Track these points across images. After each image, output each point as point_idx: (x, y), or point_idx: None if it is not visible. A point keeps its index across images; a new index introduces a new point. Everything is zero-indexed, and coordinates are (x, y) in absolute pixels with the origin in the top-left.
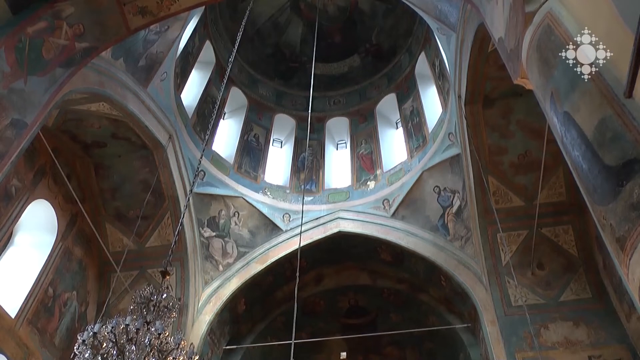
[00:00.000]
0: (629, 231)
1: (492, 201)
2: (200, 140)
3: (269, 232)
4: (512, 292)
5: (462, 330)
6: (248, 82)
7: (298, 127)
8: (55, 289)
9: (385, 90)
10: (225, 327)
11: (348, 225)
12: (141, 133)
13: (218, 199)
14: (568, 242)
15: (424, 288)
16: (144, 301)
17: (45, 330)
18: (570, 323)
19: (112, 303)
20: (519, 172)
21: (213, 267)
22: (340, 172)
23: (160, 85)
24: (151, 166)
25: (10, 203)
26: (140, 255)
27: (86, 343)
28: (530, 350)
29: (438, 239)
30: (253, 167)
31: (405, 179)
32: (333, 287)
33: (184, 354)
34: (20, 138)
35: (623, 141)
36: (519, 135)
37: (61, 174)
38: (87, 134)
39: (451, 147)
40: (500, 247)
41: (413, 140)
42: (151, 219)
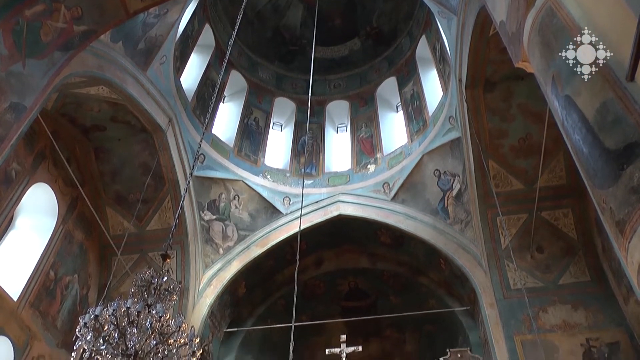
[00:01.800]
0: (629, 215)
1: (492, 185)
2: (200, 123)
3: (269, 216)
4: (512, 275)
5: (462, 313)
6: (248, 66)
7: (298, 111)
8: (57, 272)
9: (385, 73)
10: (225, 310)
11: (348, 208)
12: (141, 116)
13: (218, 182)
14: (568, 226)
15: (423, 271)
16: (144, 284)
17: (48, 313)
18: (569, 306)
19: (113, 286)
20: (519, 155)
21: (213, 251)
22: (340, 155)
23: (160, 68)
24: (151, 149)
25: (10, 186)
26: (140, 238)
27: (88, 326)
28: (529, 333)
29: (438, 223)
30: (253, 151)
31: (405, 163)
32: (333, 270)
33: (185, 336)
34: (20, 121)
35: (624, 124)
36: (519, 118)
37: (61, 158)
38: (86, 117)
39: (451, 131)
40: (500, 231)
41: (413, 124)
42: (151, 203)
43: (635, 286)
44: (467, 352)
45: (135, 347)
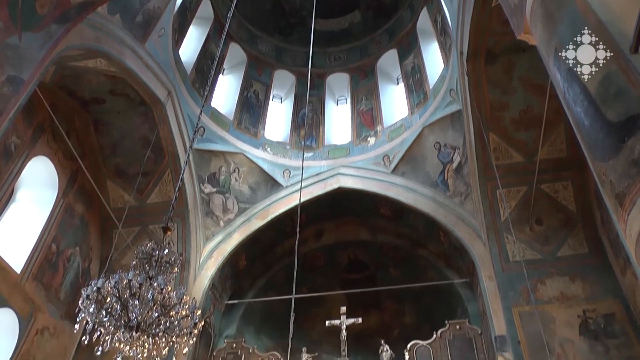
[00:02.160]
0: (629, 187)
1: (492, 157)
2: (200, 96)
3: (269, 188)
4: (510, 247)
5: (460, 285)
6: (247, 38)
7: (298, 83)
8: (59, 245)
9: (386, 46)
10: (226, 282)
11: (348, 181)
12: (139, 89)
13: (218, 155)
14: (567, 198)
15: (423, 243)
16: (145, 257)
17: (50, 285)
18: (567, 278)
19: (115, 259)
20: (520, 128)
21: (214, 223)
22: (340, 128)
23: (158, 41)
24: (151, 122)
25: (10, 160)
26: (141, 211)
27: (90, 298)
28: (527, 305)
29: (438, 195)
30: (253, 123)
31: (405, 135)
32: (333, 243)
33: (187, 308)
34: (18, 94)
35: (627, 97)
36: (520, 91)
37: (60, 131)
38: (85, 90)
39: (452, 104)
40: (500, 203)
41: (414, 97)
42: (151, 175)
43: (633, 258)
44: (465, 323)
45: (138, 319)
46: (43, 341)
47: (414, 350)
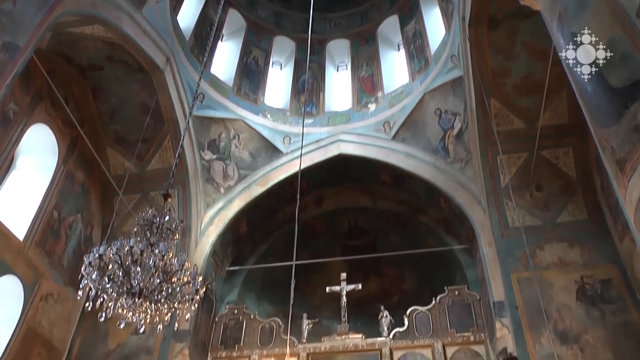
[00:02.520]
0: (630, 153)
1: (493, 123)
2: (199, 62)
3: (270, 155)
4: (510, 214)
5: (460, 252)
6: (246, 4)
7: (298, 50)
8: (60, 212)
9: (387, 11)
10: (227, 248)
11: (348, 147)
12: (138, 56)
13: (218, 121)
14: (568, 165)
15: (423, 210)
16: (147, 223)
17: (53, 252)
18: (565, 244)
19: (116, 225)
20: (522, 94)
21: (214, 190)
22: (340, 94)
23: (156, 7)
24: (149, 89)
25: (9, 127)
26: (141, 178)
27: (92, 265)
28: (525, 271)
29: (438, 161)
30: (253, 90)
31: (406, 101)
32: (333, 209)
33: (188, 274)
34: (14, 61)
35: (631, 62)
36: (523, 56)
37: (59, 98)
38: (82, 56)
39: (453, 70)
40: (500, 169)
41: (415, 63)
42: (151, 142)
43: (632, 223)
44: (464, 289)
45: (140, 286)
46: (48, 307)
47: (413, 315)
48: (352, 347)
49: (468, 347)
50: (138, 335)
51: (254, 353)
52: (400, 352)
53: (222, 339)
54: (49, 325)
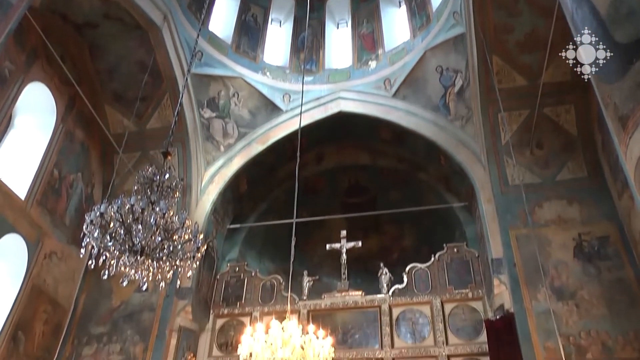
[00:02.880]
0: (633, 110)
1: (495, 80)
2: (197, 19)
3: (269, 113)
4: (510, 171)
5: (459, 209)
6: None
7: (297, 6)
8: (61, 171)
9: None
10: (228, 206)
11: (349, 105)
12: (134, 13)
13: (217, 79)
14: (569, 122)
15: (423, 167)
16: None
17: (55, 210)
18: (564, 201)
19: (117, 184)
20: (525, 51)
21: (214, 148)
22: (341, 51)
23: None
24: (147, 46)
25: (5, 85)
26: (141, 136)
27: (94, 223)
28: (524, 228)
29: (439, 119)
30: (252, 47)
31: (407, 59)
32: (333, 167)
33: (189, 232)
34: (7, 18)
35: (638, 17)
36: (526, 12)
37: (55, 56)
38: (77, 14)
39: (455, 27)
40: (501, 127)
41: (416, 19)
42: (150, 100)
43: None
44: (463, 246)
45: (142, 244)
46: (52, 265)
47: (412, 273)
48: (352, 304)
49: (466, 304)
50: (141, 292)
51: (255, 310)
52: (399, 309)
53: (224, 296)
54: (53, 283)
